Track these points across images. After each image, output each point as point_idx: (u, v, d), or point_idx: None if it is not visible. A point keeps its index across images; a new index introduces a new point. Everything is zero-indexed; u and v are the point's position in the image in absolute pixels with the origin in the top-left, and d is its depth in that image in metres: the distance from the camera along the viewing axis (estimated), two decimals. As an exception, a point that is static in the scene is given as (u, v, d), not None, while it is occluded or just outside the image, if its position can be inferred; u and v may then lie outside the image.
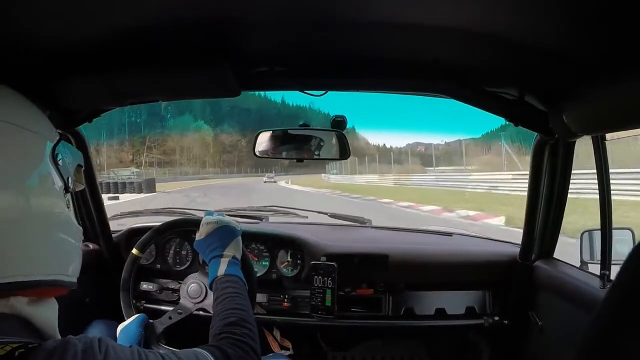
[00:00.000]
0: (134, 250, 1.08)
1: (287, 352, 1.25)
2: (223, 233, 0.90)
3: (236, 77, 0.85)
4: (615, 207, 0.98)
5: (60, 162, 0.53)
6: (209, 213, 0.97)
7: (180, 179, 38.43)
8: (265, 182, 33.65)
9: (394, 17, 0.65)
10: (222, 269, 0.84)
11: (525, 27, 0.65)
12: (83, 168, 0.63)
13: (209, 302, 1.06)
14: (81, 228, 0.58)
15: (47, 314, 0.50)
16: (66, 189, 0.54)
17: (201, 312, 1.08)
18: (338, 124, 1.08)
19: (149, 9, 0.61)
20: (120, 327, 1.00)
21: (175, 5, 0.61)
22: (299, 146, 1.15)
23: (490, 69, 0.86)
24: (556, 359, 1.08)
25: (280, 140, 1.14)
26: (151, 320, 1.03)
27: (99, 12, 0.61)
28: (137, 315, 1.02)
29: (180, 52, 0.78)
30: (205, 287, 1.09)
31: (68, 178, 0.55)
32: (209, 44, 0.76)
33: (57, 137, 0.55)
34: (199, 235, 0.91)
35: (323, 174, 38.42)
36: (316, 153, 1.14)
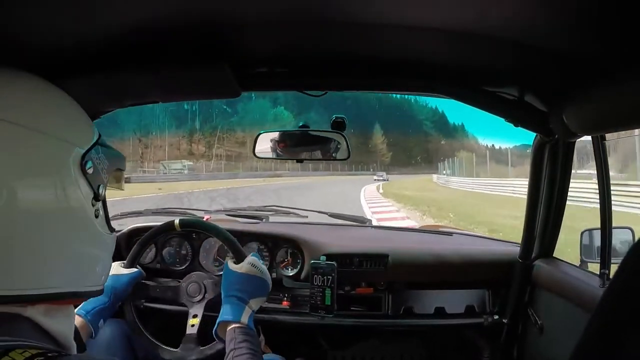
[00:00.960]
0: (177, 221, 1.07)
1: None
2: (259, 284, 0.92)
3: (236, 77, 0.85)
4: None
5: (89, 171, 0.49)
6: (255, 255, 0.99)
7: (242, 175, 31.46)
8: (375, 180, 30.16)
9: (394, 17, 0.65)
10: (245, 317, 0.85)
11: (524, 27, 0.65)
12: (124, 171, 0.60)
13: (204, 304, 1.08)
14: (112, 234, 0.55)
15: (62, 324, 0.48)
16: (96, 197, 0.50)
17: (209, 313, 1.09)
18: (338, 125, 1.08)
19: (148, 9, 0.61)
20: (114, 268, 1.00)
21: (174, 6, 0.61)
22: (300, 147, 1.15)
23: (490, 69, 0.86)
24: (555, 357, 1.09)
25: (281, 141, 1.14)
26: (144, 282, 1.07)
27: (98, 13, 0.60)
28: (136, 270, 1.04)
29: (180, 52, 0.78)
30: (204, 287, 1.10)
31: (99, 186, 0.51)
32: (209, 44, 0.76)
33: (91, 142, 0.51)
34: (237, 268, 0.92)
35: (435, 175, 31.73)
36: (316, 154, 1.14)
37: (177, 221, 1.07)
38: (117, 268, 1.02)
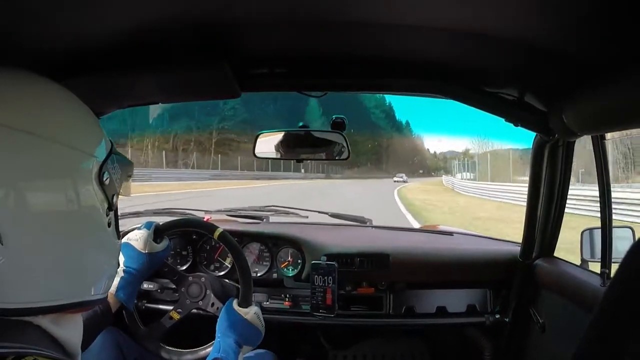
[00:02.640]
0: (218, 231, 1.01)
1: None
2: (256, 336, 0.93)
3: (236, 78, 0.85)
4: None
5: (106, 182, 0.48)
6: (258, 304, 1.00)
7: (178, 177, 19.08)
8: (395, 181, 27.92)
9: (393, 17, 0.65)
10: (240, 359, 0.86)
11: (524, 27, 0.65)
12: (131, 177, 0.59)
13: (207, 302, 1.09)
14: (119, 242, 0.55)
15: (71, 332, 0.48)
16: (110, 207, 0.50)
17: (200, 312, 1.09)
18: (338, 125, 1.08)
19: (148, 9, 0.61)
20: (149, 244, 0.98)
21: (175, 6, 0.61)
22: (300, 147, 1.15)
23: (490, 69, 0.86)
24: (557, 356, 1.09)
25: (281, 141, 1.14)
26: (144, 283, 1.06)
27: (97, 13, 0.60)
28: (168, 243, 1.03)
29: (180, 53, 0.78)
30: (205, 291, 1.10)
31: (113, 196, 0.50)
32: (209, 45, 0.76)
33: (107, 152, 0.50)
34: (243, 312, 0.92)
35: (444, 177, 29.71)
36: (316, 154, 1.14)
37: (219, 231, 1.01)
38: (151, 244, 0.98)
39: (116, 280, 0.92)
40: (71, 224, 0.45)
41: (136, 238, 0.98)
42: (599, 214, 0.99)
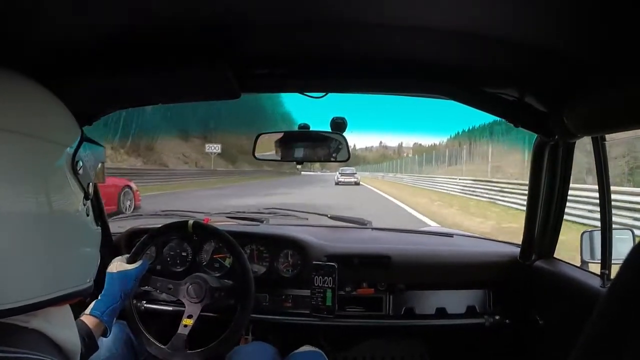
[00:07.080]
0: (190, 222, 1.04)
1: None
2: None
3: (237, 79, 0.85)
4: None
5: (80, 171, 0.48)
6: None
7: None
8: (340, 182, 19.02)
9: (394, 18, 0.66)
10: None
11: (525, 27, 0.65)
12: (104, 163, 0.58)
13: (210, 295, 1.10)
14: (99, 228, 0.55)
15: (65, 329, 0.47)
16: (86, 196, 0.49)
17: (207, 313, 1.09)
18: (338, 126, 1.08)
19: (148, 9, 0.61)
20: (119, 265, 0.98)
21: (174, 7, 0.61)
22: (299, 149, 1.15)
23: (490, 70, 0.86)
24: (557, 357, 1.09)
25: (281, 142, 1.14)
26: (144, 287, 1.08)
27: (98, 14, 0.60)
28: (140, 263, 1.02)
29: (181, 54, 0.78)
30: (205, 290, 1.10)
31: (89, 184, 0.49)
32: (209, 46, 0.76)
33: (78, 139, 0.49)
34: None
35: (380, 174, 28.68)
36: (316, 155, 1.14)
37: (191, 223, 1.05)
38: (122, 264, 0.99)
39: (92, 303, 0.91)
40: (50, 217, 0.44)
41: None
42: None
